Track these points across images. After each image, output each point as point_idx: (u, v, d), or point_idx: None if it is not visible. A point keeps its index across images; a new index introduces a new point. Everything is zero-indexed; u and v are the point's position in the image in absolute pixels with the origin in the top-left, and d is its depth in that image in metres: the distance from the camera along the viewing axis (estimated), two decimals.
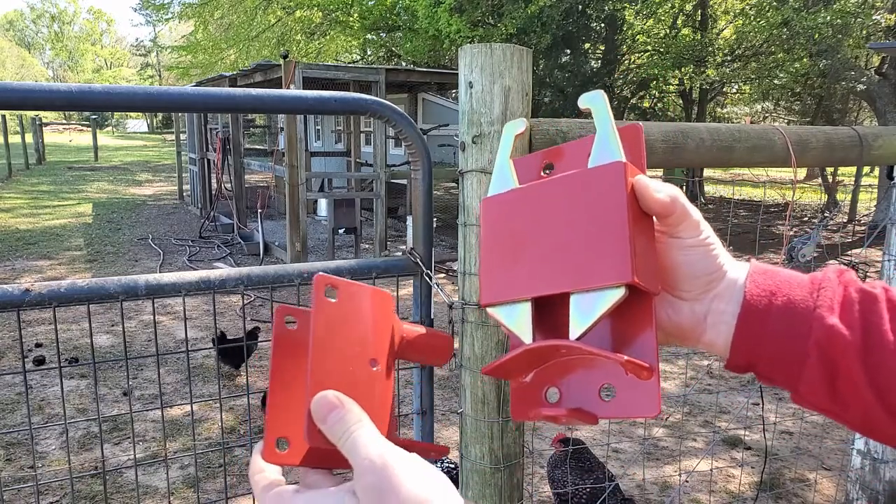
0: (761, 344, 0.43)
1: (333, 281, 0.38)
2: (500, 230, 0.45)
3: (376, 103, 1.14)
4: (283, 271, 1.18)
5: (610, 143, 0.41)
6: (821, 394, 0.42)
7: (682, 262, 0.44)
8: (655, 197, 0.40)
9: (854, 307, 0.42)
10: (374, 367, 0.39)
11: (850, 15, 9.76)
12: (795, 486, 3.05)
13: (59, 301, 1.01)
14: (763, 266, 0.45)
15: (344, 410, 0.36)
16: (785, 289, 0.43)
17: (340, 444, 0.35)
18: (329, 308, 0.38)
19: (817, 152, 1.59)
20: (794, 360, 0.42)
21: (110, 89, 0.98)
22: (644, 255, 0.39)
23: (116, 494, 2.90)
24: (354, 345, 0.38)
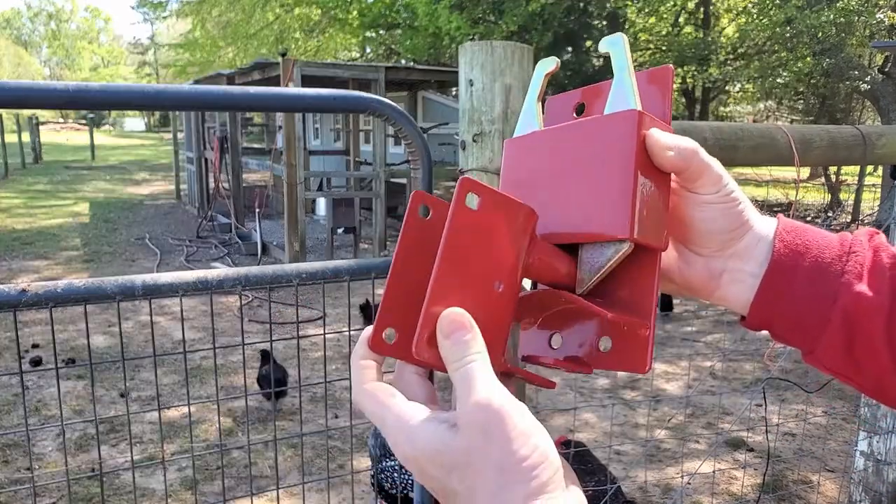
0: (784, 305, 0.42)
1: (478, 188, 0.36)
2: (517, 173, 0.45)
3: (376, 101, 1.12)
4: (282, 271, 1.16)
5: (625, 90, 0.40)
6: (837, 358, 0.41)
7: (699, 218, 0.43)
8: (665, 155, 0.39)
9: (884, 273, 0.41)
10: (498, 288, 0.37)
11: (853, 13, 9.75)
12: (798, 488, 3.04)
13: (56, 301, 0.99)
14: (792, 223, 0.44)
15: (471, 335, 0.34)
16: (814, 250, 0.42)
17: (454, 368, 0.33)
18: (467, 216, 0.35)
19: (821, 151, 1.58)
20: (815, 323, 0.41)
21: (107, 88, 0.96)
22: (652, 210, 0.38)
23: (113, 496, 2.88)
24: (484, 261, 0.36)
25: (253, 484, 2.97)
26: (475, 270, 0.36)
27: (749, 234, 0.43)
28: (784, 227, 0.43)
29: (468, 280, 0.36)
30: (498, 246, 0.37)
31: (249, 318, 5.62)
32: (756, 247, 0.43)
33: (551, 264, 0.40)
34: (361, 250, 8.27)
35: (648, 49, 13.77)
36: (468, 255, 0.35)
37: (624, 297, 0.41)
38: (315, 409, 3.89)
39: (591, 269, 0.40)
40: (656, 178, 0.39)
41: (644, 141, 0.39)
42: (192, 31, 19.94)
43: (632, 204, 0.37)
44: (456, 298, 0.35)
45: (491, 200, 0.36)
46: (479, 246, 0.36)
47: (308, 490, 2.92)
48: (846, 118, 14.21)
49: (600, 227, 0.38)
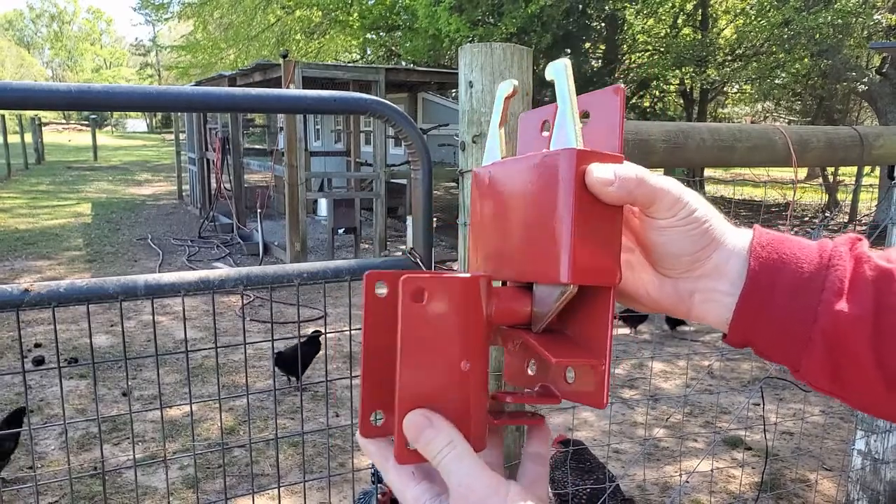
0: (762, 324, 0.41)
1: (422, 282, 0.35)
2: (480, 205, 0.45)
3: (376, 103, 1.13)
4: (283, 271, 1.17)
5: (566, 126, 0.39)
6: (823, 377, 0.40)
7: (659, 242, 0.42)
8: (606, 191, 0.37)
9: (867, 287, 0.38)
10: (465, 367, 0.37)
11: (850, 15, 9.76)
12: (796, 487, 3.05)
13: (59, 301, 1.00)
14: (767, 236, 0.42)
15: (434, 431, 0.35)
16: (791, 264, 0.40)
17: (436, 464, 0.36)
18: (416, 312, 0.35)
19: (818, 152, 1.59)
20: (796, 342, 0.40)
21: (109, 89, 0.97)
22: (598, 247, 0.38)
23: (115, 495, 2.90)
24: (444, 349, 0.36)
25: (254, 482, 2.98)
26: (437, 361, 0.36)
27: (718, 253, 0.42)
28: (759, 242, 0.41)
29: (432, 374, 0.36)
30: (454, 328, 0.36)
31: (251, 317, 5.63)
32: (727, 264, 0.41)
33: (511, 308, 0.40)
34: (362, 250, 8.28)
35: (647, 51, 13.77)
36: (426, 350, 0.36)
37: (580, 333, 0.41)
38: (316, 407, 3.91)
39: (542, 308, 0.40)
40: (603, 213, 0.38)
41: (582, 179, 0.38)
42: (193, 32, 19.96)
43: (570, 248, 0.36)
44: (423, 395, 0.35)
45: (436, 289, 0.36)
46: (435, 338, 0.36)
47: (309, 488, 2.93)
48: (844, 119, 14.20)
49: (544, 270, 0.38)
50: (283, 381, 4.27)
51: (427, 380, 0.36)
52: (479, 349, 0.37)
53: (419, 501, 0.37)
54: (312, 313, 5.76)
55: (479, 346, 0.37)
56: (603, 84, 11.42)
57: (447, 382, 0.36)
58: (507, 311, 0.40)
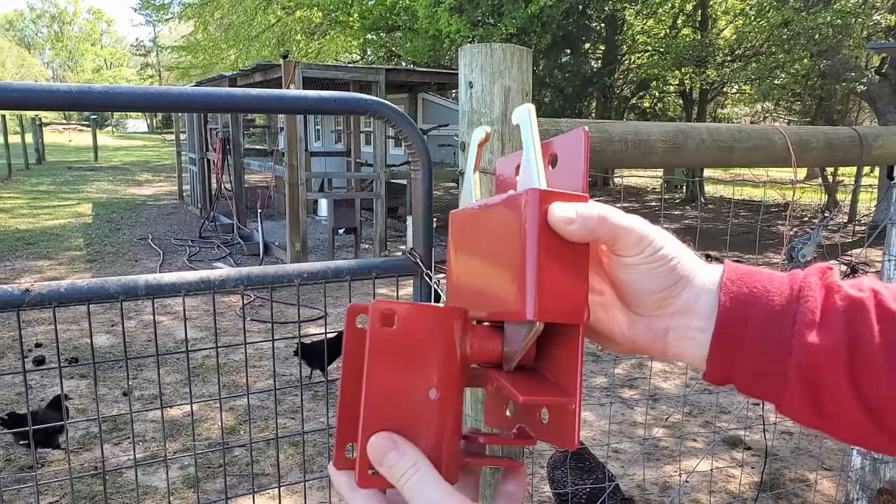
0: (738, 362, 0.40)
1: (391, 308, 0.36)
2: (457, 248, 0.46)
3: (376, 103, 1.14)
4: (283, 271, 1.18)
5: (530, 168, 0.40)
6: (805, 411, 0.39)
7: (627, 280, 0.41)
8: (567, 229, 0.38)
9: (839, 318, 0.38)
10: (434, 395, 0.37)
11: (850, 15, 9.76)
12: (795, 487, 3.05)
13: (59, 301, 1.01)
14: (737, 271, 0.41)
15: (397, 454, 0.35)
16: (762, 298, 0.39)
17: (400, 487, 0.35)
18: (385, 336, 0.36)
19: (817, 152, 1.59)
20: (774, 378, 0.39)
21: (110, 89, 0.98)
22: (564, 285, 0.38)
23: (116, 495, 2.90)
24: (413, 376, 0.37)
25: (255, 482, 2.99)
26: (404, 388, 0.36)
27: (687, 290, 0.41)
28: (728, 277, 0.41)
29: (399, 399, 0.36)
30: (424, 356, 0.37)
31: (251, 317, 5.63)
32: (698, 301, 0.41)
33: (484, 346, 0.41)
34: (362, 250, 8.29)
35: (646, 51, 13.77)
36: (393, 375, 0.36)
37: (551, 372, 0.41)
38: (316, 407, 3.91)
39: (512, 347, 0.40)
40: (569, 251, 0.38)
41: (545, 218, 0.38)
42: (194, 33, 19.97)
43: (534, 285, 0.37)
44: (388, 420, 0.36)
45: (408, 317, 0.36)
46: (404, 364, 0.36)
47: (309, 488, 2.94)
48: (843, 119, 14.20)
49: (512, 309, 0.38)
50: (285, 379, 4.27)
51: (393, 405, 0.36)
52: (450, 381, 0.38)
53: None
54: (312, 313, 5.76)
55: (450, 378, 0.38)
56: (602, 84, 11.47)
57: (414, 410, 0.36)
58: (481, 349, 0.41)
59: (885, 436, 0.38)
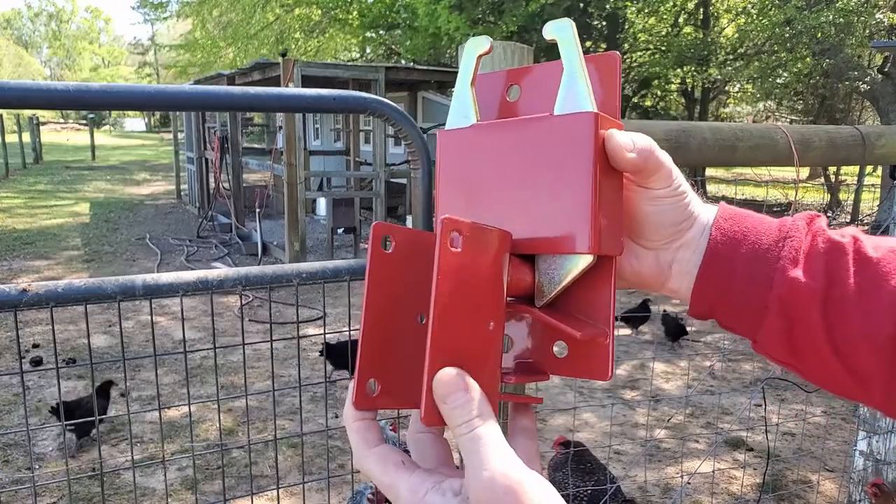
0: (722, 293, 0.42)
1: (461, 226, 0.32)
2: (457, 172, 0.41)
3: (376, 101, 1.12)
4: (282, 271, 1.16)
5: (578, 88, 0.37)
6: (779, 346, 0.41)
7: (650, 212, 0.42)
8: (626, 157, 0.37)
9: (820, 258, 0.40)
10: (490, 327, 0.34)
11: (852, 14, 9.76)
12: (798, 488, 3.04)
13: (57, 301, 1.00)
14: (731, 210, 0.43)
15: (468, 396, 0.31)
16: (751, 236, 0.42)
17: (458, 433, 0.31)
18: (453, 260, 0.32)
19: (820, 151, 1.58)
20: (754, 311, 0.41)
21: (108, 88, 0.97)
22: (610, 217, 0.37)
23: (114, 496, 2.89)
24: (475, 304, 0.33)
25: (253, 483, 2.97)
26: (468, 317, 0.33)
27: (695, 226, 0.43)
28: (722, 215, 0.43)
29: (463, 330, 0.33)
30: (485, 283, 0.34)
31: (250, 317, 5.62)
32: (700, 237, 0.43)
33: (519, 278, 0.38)
34: (362, 250, 8.28)
35: (648, 50, 13.76)
36: (459, 303, 0.33)
37: (582, 306, 0.39)
38: (315, 408, 3.90)
39: (551, 281, 0.38)
40: (612, 182, 0.38)
41: (602, 144, 0.37)
42: (192, 31, 19.95)
43: (594, 217, 0.35)
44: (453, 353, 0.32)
45: (473, 237, 0.33)
46: (468, 289, 0.33)
47: (308, 489, 2.92)
48: (845, 118, 14.22)
49: (561, 240, 0.36)
50: (283, 380, 4.26)
51: (457, 338, 0.32)
52: (500, 311, 0.35)
53: (417, 494, 0.31)
54: (312, 313, 5.75)
55: (501, 308, 0.35)
56: None
57: (476, 344, 0.33)
58: (516, 281, 0.38)
59: (850, 377, 0.39)
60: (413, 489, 0.32)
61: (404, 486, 0.32)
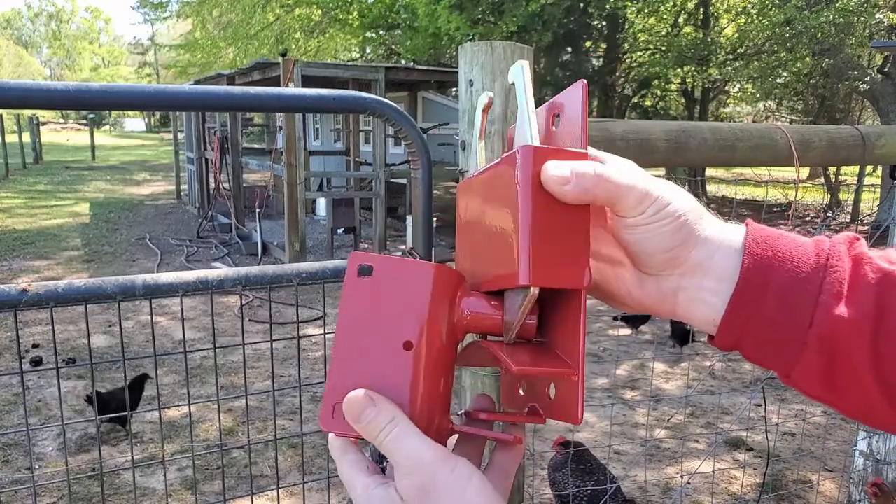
0: (754, 327, 0.38)
1: (369, 259, 0.36)
2: (464, 214, 0.45)
3: (376, 102, 1.12)
4: (282, 271, 1.16)
5: (524, 124, 0.38)
6: (816, 383, 0.38)
7: (632, 241, 0.39)
8: (562, 190, 0.35)
9: (869, 290, 0.36)
10: (408, 350, 0.36)
11: (852, 14, 9.76)
12: (798, 488, 3.04)
13: (57, 301, 0.99)
14: (762, 233, 0.39)
15: (374, 411, 0.35)
16: (787, 263, 0.37)
17: (378, 444, 0.35)
18: (358, 286, 0.36)
19: (820, 151, 1.58)
20: (790, 348, 0.37)
21: (108, 88, 0.96)
22: (562, 248, 0.36)
23: (114, 496, 2.89)
24: (387, 326, 0.36)
25: (253, 483, 2.98)
26: (376, 337, 0.36)
27: (698, 250, 0.39)
28: (753, 238, 0.38)
29: (369, 348, 0.36)
30: (400, 308, 0.36)
31: (250, 317, 5.62)
32: (712, 260, 0.39)
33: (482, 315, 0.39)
34: (362, 250, 8.28)
35: (648, 49, 13.77)
36: (365, 325, 0.36)
37: (554, 342, 0.39)
38: (315, 408, 3.90)
39: (510, 316, 0.38)
40: (568, 211, 0.36)
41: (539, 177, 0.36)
42: (192, 31, 19.95)
43: (528, 248, 0.35)
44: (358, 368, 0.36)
45: (384, 267, 0.36)
46: (379, 313, 0.36)
47: (308, 489, 2.92)
48: (845, 118, 14.22)
49: (506, 274, 0.37)
50: (283, 380, 4.26)
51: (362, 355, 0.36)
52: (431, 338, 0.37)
53: (367, 490, 0.36)
54: (311, 313, 5.75)
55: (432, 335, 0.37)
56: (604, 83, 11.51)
57: (385, 363, 0.36)
58: (478, 317, 0.39)
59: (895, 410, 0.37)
60: (365, 485, 0.37)
61: (359, 483, 0.37)
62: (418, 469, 0.34)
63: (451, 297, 0.38)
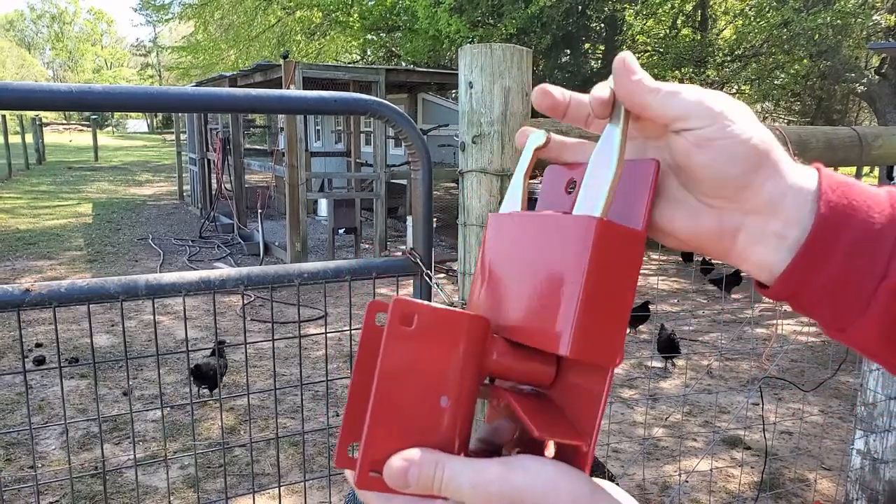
0: (818, 279, 0.36)
1: (413, 307, 0.35)
2: (492, 253, 0.44)
3: (376, 103, 1.14)
4: (284, 271, 1.18)
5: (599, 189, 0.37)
6: (877, 339, 0.36)
7: (699, 162, 0.35)
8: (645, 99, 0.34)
9: None
10: (445, 403, 0.36)
11: (850, 16, 9.76)
12: (795, 486, 3.06)
13: (60, 301, 1.01)
14: (835, 179, 0.36)
15: (418, 466, 0.33)
16: (861, 212, 0.35)
17: (438, 492, 0.34)
18: (402, 338, 0.35)
19: (817, 152, 1.60)
20: (854, 302, 0.35)
21: (110, 89, 0.98)
22: (603, 324, 0.36)
23: (116, 494, 2.90)
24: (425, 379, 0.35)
25: (255, 481, 2.99)
26: (415, 393, 0.35)
27: (773, 182, 0.36)
28: (829, 184, 0.36)
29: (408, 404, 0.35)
30: (439, 362, 0.36)
31: (251, 317, 5.64)
32: (783, 201, 0.36)
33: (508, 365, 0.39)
34: (362, 250, 8.29)
35: (646, 51, 13.77)
36: (406, 377, 0.35)
37: (569, 405, 0.39)
38: (316, 407, 3.92)
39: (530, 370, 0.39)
40: (616, 288, 0.36)
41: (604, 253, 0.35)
42: (194, 33, 19.96)
43: (575, 320, 0.35)
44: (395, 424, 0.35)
45: (427, 318, 0.35)
46: (418, 367, 0.35)
47: (310, 488, 2.94)
48: (843, 120, 14.20)
49: (547, 337, 0.37)
50: (285, 378, 4.28)
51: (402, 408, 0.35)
52: (464, 391, 0.37)
53: None
54: (313, 313, 5.77)
55: (464, 388, 0.37)
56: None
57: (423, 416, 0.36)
58: (504, 367, 0.39)
59: None
60: None
61: None
62: (490, 487, 0.32)
63: (482, 347, 0.38)
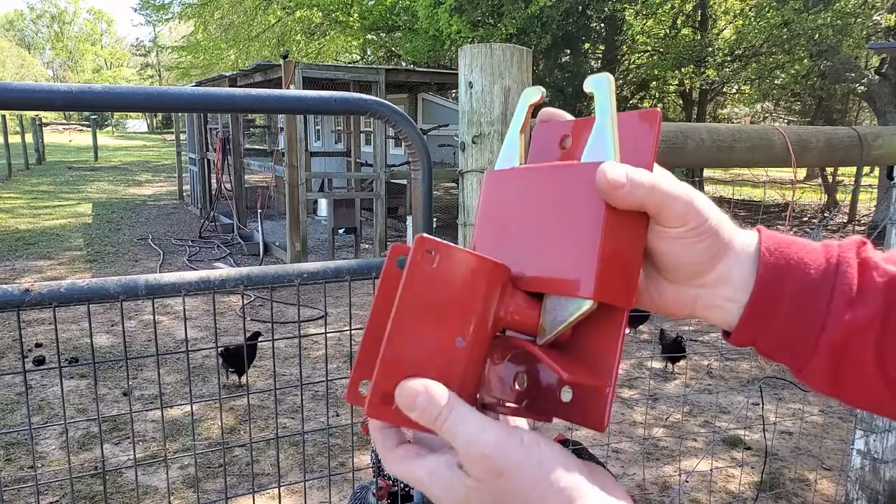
0: (768, 330, 0.40)
1: (436, 245, 0.35)
2: (492, 209, 0.44)
3: (376, 103, 1.14)
4: (283, 271, 1.18)
5: (605, 138, 0.38)
6: (824, 381, 0.40)
7: (665, 251, 0.40)
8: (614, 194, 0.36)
9: (877, 295, 0.38)
10: (460, 344, 0.36)
11: (850, 16, 9.76)
12: (795, 486, 3.05)
13: (59, 301, 1.01)
14: (774, 239, 0.41)
15: (428, 395, 0.34)
16: (799, 269, 0.40)
17: (437, 430, 0.34)
18: (424, 274, 0.35)
19: (817, 152, 1.60)
20: (802, 348, 0.40)
21: (110, 89, 0.98)
22: (622, 265, 0.37)
23: (116, 494, 2.90)
24: (443, 318, 0.36)
25: (255, 481, 2.99)
26: (432, 329, 0.35)
27: (723, 262, 0.40)
28: (766, 247, 0.40)
29: (424, 338, 0.35)
30: (458, 302, 0.36)
31: (251, 317, 5.64)
32: (731, 272, 0.40)
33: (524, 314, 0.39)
34: (362, 250, 8.29)
35: (646, 51, 13.77)
36: (424, 312, 0.35)
37: (586, 351, 0.40)
38: (316, 407, 3.91)
39: (553, 322, 0.39)
40: (630, 230, 0.38)
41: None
42: (194, 33, 19.96)
43: (598, 262, 0.36)
44: (408, 361, 0.35)
45: (450, 257, 0.35)
46: (437, 304, 0.35)
47: (309, 487, 2.94)
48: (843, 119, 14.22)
49: (567, 282, 0.37)
50: (285, 378, 4.27)
51: (417, 344, 0.35)
52: (478, 335, 0.37)
53: (434, 475, 0.35)
54: (313, 313, 5.77)
55: (479, 332, 0.37)
56: None
57: (438, 354, 0.36)
58: (518, 316, 0.39)
59: None
60: (430, 471, 0.35)
61: (421, 470, 0.36)
62: (485, 450, 0.33)
63: (501, 294, 0.38)
